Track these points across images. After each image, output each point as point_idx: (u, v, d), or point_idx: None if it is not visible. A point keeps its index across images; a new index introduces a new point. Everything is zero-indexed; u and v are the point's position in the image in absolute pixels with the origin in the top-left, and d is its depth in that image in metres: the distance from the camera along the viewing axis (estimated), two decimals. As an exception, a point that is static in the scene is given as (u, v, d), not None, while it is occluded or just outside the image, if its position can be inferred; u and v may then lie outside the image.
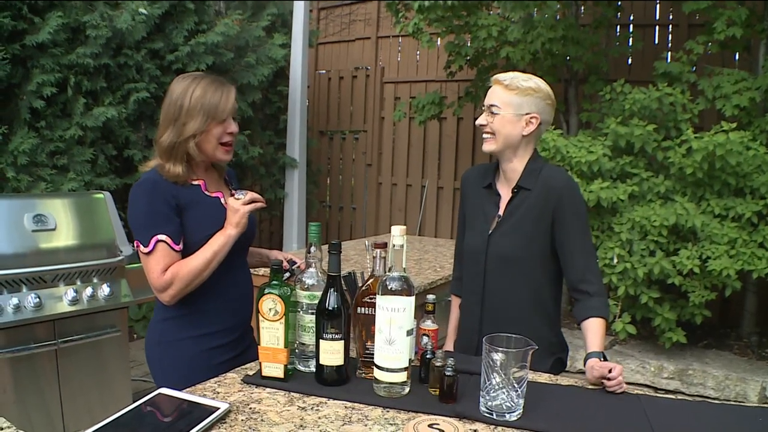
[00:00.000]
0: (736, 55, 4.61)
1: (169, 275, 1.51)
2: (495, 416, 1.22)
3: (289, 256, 1.76)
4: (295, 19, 5.45)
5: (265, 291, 1.36)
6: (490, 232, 1.69)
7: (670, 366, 3.83)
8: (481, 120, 1.67)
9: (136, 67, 4.21)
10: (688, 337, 3.90)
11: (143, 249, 1.52)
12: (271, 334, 1.36)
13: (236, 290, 1.67)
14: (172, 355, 1.61)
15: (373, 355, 1.34)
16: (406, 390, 1.34)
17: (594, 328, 1.56)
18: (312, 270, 1.45)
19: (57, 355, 2.46)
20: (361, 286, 1.44)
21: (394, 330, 1.30)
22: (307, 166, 5.84)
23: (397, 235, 1.32)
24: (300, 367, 1.46)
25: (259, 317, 1.37)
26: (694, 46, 4.05)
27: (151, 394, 1.25)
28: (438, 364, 1.32)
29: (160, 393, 1.26)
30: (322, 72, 6.89)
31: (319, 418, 1.21)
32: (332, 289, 1.35)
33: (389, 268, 1.34)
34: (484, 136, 1.67)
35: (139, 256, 1.56)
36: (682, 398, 1.47)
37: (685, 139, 3.75)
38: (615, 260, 3.79)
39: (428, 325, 1.55)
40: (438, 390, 1.32)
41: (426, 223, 6.14)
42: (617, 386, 1.39)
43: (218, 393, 1.32)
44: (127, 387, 2.77)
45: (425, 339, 1.53)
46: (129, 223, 1.58)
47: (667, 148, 3.93)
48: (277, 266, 1.41)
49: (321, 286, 1.40)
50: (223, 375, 1.44)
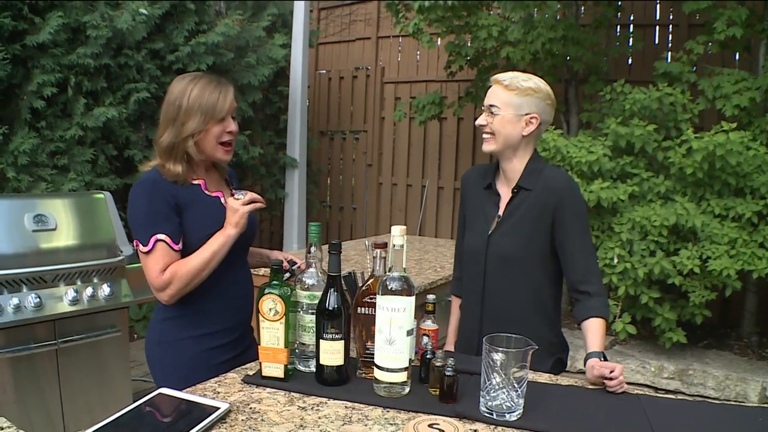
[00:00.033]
0: (737, 55, 4.61)
1: (168, 275, 1.51)
2: (495, 416, 1.22)
3: (289, 257, 1.77)
4: (295, 19, 5.45)
5: (266, 291, 1.36)
6: (489, 233, 1.69)
7: (670, 366, 3.83)
8: (481, 120, 1.67)
9: (136, 68, 4.21)
10: (689, 337, 3.90)
11: (142, 248, 1.52)
12: (271, 334, 1.36)
13: (236, 289, 1.67)
14: (172, 355, 1.61)
15: (374, 355, 1.34)
16: (407, 390, 1.34)
17: (594, 328, 1.56)
18: (312, 270, 1.45)
19: (57, 355, 2.46)
20: (362, 286, 1.44)
21: (395, 330, 1.30)
22: (307, 166, 5.84)
23: (397, 235, 1.32)
24: (300, 367, 1.46)
25: (260, 317, 1.37)
26: (694, 46, 4.05)
27: (151, 394, 1.25)
28: (438, 364, 1.32)
29: (160, 393, 1.26)
30: (323, 72, 6.90)
31: (320, 418, 1.21)
32: (332, 289, 1.35)
33: (389, 268, 1.34)
34: (484, 136, 1.67)
35: (139, 256, 1.56)
36: (682, 398, 1.47)
37: (686, 139, 3.75)
38: (615, 260, 3.79)
39: (428, 325, 1.55)
40: (438, 390, 1.32)
41: (426, 223, 6.14)
42: (618, 386, 1.39)
43: (218, 393, 1.32)
44: (128, 387, 2.77)
45: (425, 339, 1.53)
46: (129, 222, 1.58)
47: (668, 148, 3.93)
48: (278, 266, 1.41)
49: (321, 286, 1.40)
50: (224, 375, 1.44)
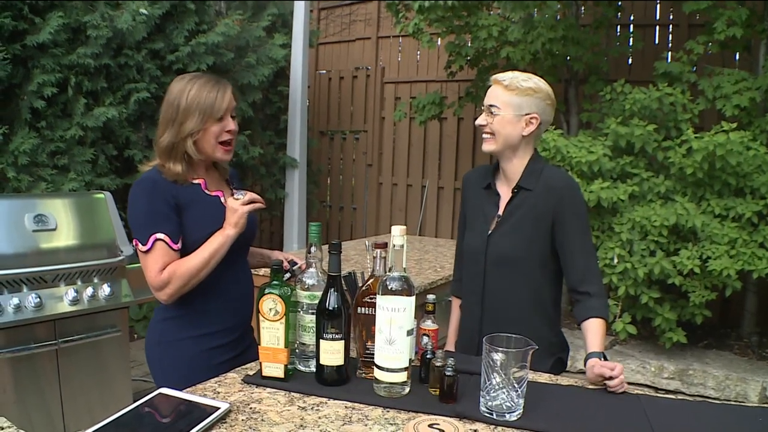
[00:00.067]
0: (737, 55, 4.61)
1: (166, 274, 1.51)
2: (495, 416, 1.22)
3: (290, 257, 1.77)
4: (295, 20, 5.46)
5: (266, 291, 1.36)
6: (489, 232, 1.69)
7: (670, 366, 3.83)
8: (481, 120, 1.66)
9: (136, 68, 4.21)
10: (689, 337, 3.90)
11: (142, 247, 1.52)
12: (271, 334, 1.36)
13: (237, 289, 1.67)
14: (172, 355, 1.61)
15: (374, 355, 1.34)
16: (407, 390, 1.34)
17: (594, 329, 1.56)
18: (312, 270, 1.45)
19: (57, 355, 2.46)
20: (362, 286, 1.44)
21: (395, 330, 1.30)
22: (307, 166, 5.84)
23: (397, 235, 1.32)
24: (300, 367, 1.46)
25: (260, 317, 1.37)
26: (694, 46, 4.05)
27: (151, 394, 1.25)
28: (438, 364, 1.32)
29: (161, 393, 1.26)
30: (323, 72, 6.90)
31: (320, 418, 1.21)
32: (332, 289, 1.35)
33: (389, 268, 1.35)
34: (484, 136, 1.67)
35: (138, 255, 1.56)
36: (682, 398, 1.47)
37: (686, 139, 3.75)
38: (615, 260, 3.79)
39: (428, 325, 1.55)
40: (438, 390, 1.32)
41: (426, 223, 6.14)
42: (619, 386, 1.39)
43: (218, 393, 1.32)
44: (128, 387, 2.77)
45: (425, 339, 1.53)
46: (129, 221, 1.58)
47: (668, 148, 3.93)
48: (278, 266, 1.41)
49: (321, 286, 1.40)
50: (224, 375, 1.44)
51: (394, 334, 1.30)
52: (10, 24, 3.53)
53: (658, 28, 5.12)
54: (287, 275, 1.65)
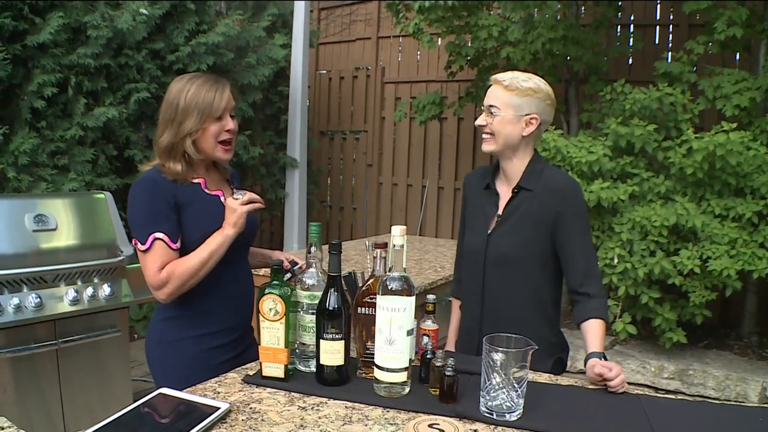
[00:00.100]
0: (737, 55, 4.61)
1: (165, 273, 1.51)
2: (495, 416, 1.22)
3: (290, 257, 1.77)
4: (295, 20, 5.46)
5: (266, 291, 1.36)
6: (489, 232, 1.69)
7: (670, 366, 3.83)
8: (481, 120, 1.66)
9: (136, 68, 4.21)
10: (689, 337, 3.90)
11: (140, 246, 1.52)
12: (271, 334, 1.36)
13: (237, 288, 1.67)
14: (172, 355, 1.61)
15: (374, 355, 1.34)
16: (407, 390, 1.34)
17: (594, 329, 1.56)
18: (312, 270, 1.45)
19: (58, 355, 2.46)
20: (362, 286, 1.44)
21: (395, 330, 1.30)
22: (307, 166, 5.84)
23: (397, 235, 1.32)
24: (300, 367, 1.46)
25: (260, 317, 1.37)
26: (694, 46, 4.05)
27: (151, 394, 1.25)
28: (438, 364, 1.32)
29: (161, 393, 1.26)
30: (323, 72, 6.90)
31: (320, 418, 1.21)
32: (332, 289, 1.35)
33: (389, 268, 1.35)
34: (484, 136, 1.67)
35: (137, 254, 1.56)
36: (682, 398, 1.47)
37: (686, 139, 3.75)
38: (615, 260, 3.79)
39: (428, 325, 1.55)
40: (438, 390, 1.32)
41: (426, 223, 6.14)
42: (619, 385, 1.39)
43: (219, 393, 1.32)
44: (128, 387, 2.77)
45: (425, 339, 1.53)
46: (128, 221, 1.59)
47: (668, 148, 3.93)
48: (278, 266, 1.41)
49: (321, 286, 1.40)
50: (224, 375, 1.44)
51: (394, 334, 1.30)
52: (11, 24, 3.53)
53: (658, 28, 5.12)
54: (288, 275, 1.65)
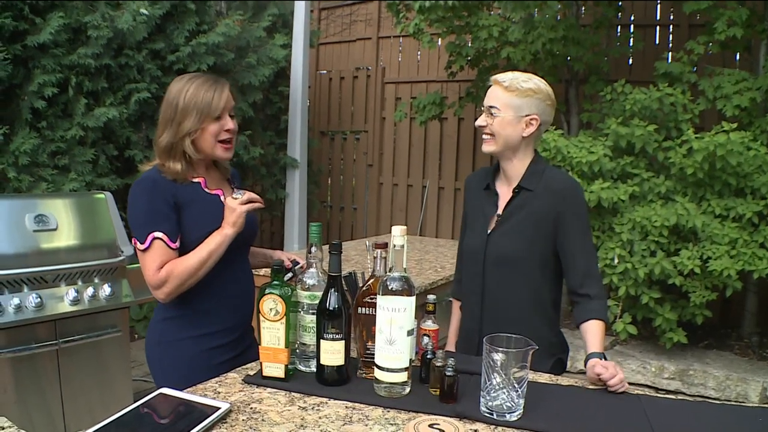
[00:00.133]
0: (737, 56, 4.61)
1: (164, 273, 1.51)
2: (495, 416, 1.22)
3: (292, 257, 1.76)
4: (296, 20, 5.46)
5: (266, 291, 1.36)
6: (489, 232, 1.69)
7: (670, 366, 3.83)
8: (481, 121, 1.66)
9: (137, 68, 4.22)
10: (689, 338, 3.89)
11: (140, 246, 1.53)
12: (271, 334, 1.37)
13: (237, 288, 1.67)
14: (172, 355, 1.61)
15: (374, 355, 1.34)
16: (407, 390, 1.34)
17: (594, 330, 1.56)
18: (313, 270, 1.45)
19: (58, 355, 2.46)
20: (362, 286, 1.44)
21: (395, 330, 1.30)
22: (308, 167, 5.84)
23: (397, 235, 1.33)
24: (301, 367, 1.46)
25: (260, 317, 1.37)
26: (694, 47, 4.05)
27: (151, 394, 1.25)
28: (438, 365, 1.33)
29: (161, 393, 1.26)
30: (323, 72, 6.90)
31: (320, 418, 1.21)
32: (333, 289, 1.35)
33: (390, 269, 1.35)
34: (484, 137, 1.67)
35: (137, 254, 1.57)
36: (682, 398, 1.47)
37: (686, 139, 3.75)
38: (616, 260, 3.79)
39: (429, 325, 1.55)
40: (438, 390, 1.32)
41: (427, 224, 6.14)
42: (619, 385, 1.39)
43: (219, 393, 1.32)
44: (128, 387, 2.77)
45: (426, 339, 1.53)
46: (128, 221, 1.59)
47: (668, 149, 3.93)
48: (278, 267, 1.41)
49: (322, 287, 1.40)
50: (224, 375, 1.44)
51: (395, 335, 1.30)
52: (11, 24, 3.53)
53: (658, 28, 5.12)
54: (289, 274, 1.64)
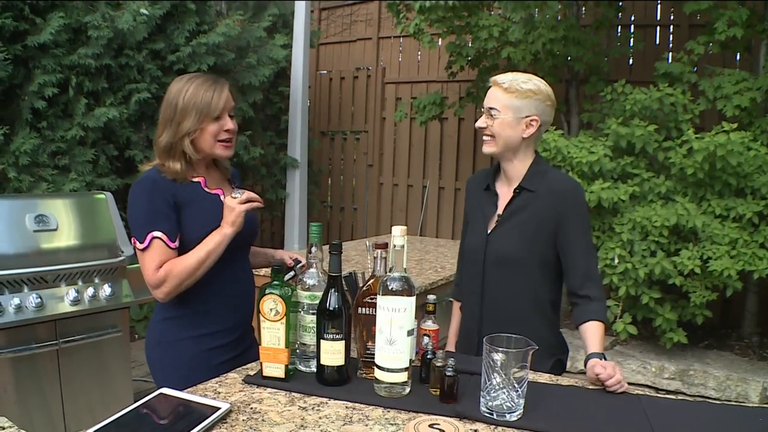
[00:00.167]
0: (737, 56, 4.61)
1: (162, 272, 1.51)
2: (495, 416, 1.22)
3: (294, 255, 1.76)
4: (296, 20, 5.46)
5: (266, 291, 1.36)
6: (489, 232, 1.69)
7: (671, 366, 3.83)
8: (481, 123, 1.66)
9: (137, 68, 4.22)
10: (689, 338, 3.89)
11: (139, 245, 1.53)
12: (272, 334, 1.37)
13: (237, 288, 1.67)
14: (172, 355, 1.61)
15: (374, 355, 1.34)
16: (407, 390, 1.34)
17: (593, 330, 1.56)
18: (313, 270, 1.45)
19: (58, 355, 2.46)
20: (362, 286, 1.45)
21: (395, 330, 1.30)
22: (308, 167, 5.84)
23: (397, 235, 1.33)
24: (301, 367, 1.46)
25: (261, 317, 1.37)
26: (695, 47, 4.05)
27: (152, 394, 1.25)
28: (439, 365, 1.33)
29: (161, 393, 1.26)
30: (324, 72, 6.90)
31: (320, 418, 1.21)
32: (333, 290, 1.35)
33: (390, 269, 1.35)
34: (484, 138, 1.67)
35: (136, 253, 1.57)
36: (682, 398, 1.47)
37: (686, 139, 3.75)
38: (616, 261, 3.79)
39: (429, 326, 1.55)
40: (439, 390, 1.32)
41: (427, 224, 6.14)
42: (618, 385, 1.39)
43: (219, 393, 1.32)
44: (129, 387, 2.77)
45: (426, 339, 1.53)
46: (128, 220, 1.59)
47: (668, 149, 3.93)
48: (278, 267, 1.41)
49: (322, 287, 1.40)
50: (224, 375, 1.44)
51: (395, 335, 1.30)
52: (11, 24, 3.53)
53: (658, 28, 5.12)
54: (291, 273, 1.64)
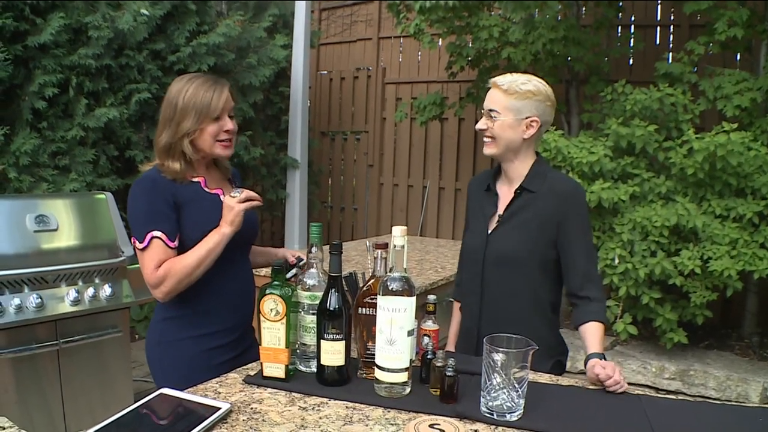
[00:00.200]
0: (737, 56, 4.61)
1: (162, 271, 1.51)
2: (496, 416, 1.22)
3: (297, 254, 1.76)
4: (296, 20, 5.46)
5: (267, 291, 1.36)
6: (489, 232, 1.69)
7: (671, 366, 3.83)
8: (481, 125, 1.66)
9: (137, 68, 4.22)
10: (690, 338, 3.89)
11: (138, 245, 1.53)
12: (272, 334, 1.37)
13: (237, 288, 1.67)
14: (172, 355, 1.61)
15: (374, 355, 1.34)
16: (407, 390, 1.34)
17: (593, 331, 1.56)
18: (313, 270, 1.45)
19: (59, 356, 2.46)
20: (362, 286, 1.45)
21: (395, 330, 1.30)
22: (308, 167, 5.84)
23: (397, 235, 1.33)
24: (301, 367, 1.46)
25: (261, 317, 1.37)
26: (695, 47, 4.05)
27: (152, 395, 1.25)
28: (439, 365, 1.33)
29: (162, 393, 1.26)
30: (324, 73, 6.90)
31: (320, 419, 1.21)
32: (333, 290, 1.35)
33: (390, 269, 1.35)
34: (485, 139, 1.67)
35: (136, 253, 1.57)
36: (683, 399, 1.47)
37: (686, 139, 3.75)
38: (616, 261, 3.79)
39: (429, 326, 1.55)
40: (439, 390, 1.32)
41: (427, 224, 6.15)
42: (617, 385, 1.39)
43: (219, 393, 1.33)
44: (129, 387, 2.77)
45: (426, 339, 1.53)
46: (128, 220, 1.59)
47: (668, 149, 3.93)
48: (279, 267, 1.41)
49: (322, 287, 1.40)
50: (225, 375, 1.44)
51: (395, 335, 1.30)
52: (12, 25, 3.53)
53: (659, 28, 5.12)
54: (293, 270, 1.64)
